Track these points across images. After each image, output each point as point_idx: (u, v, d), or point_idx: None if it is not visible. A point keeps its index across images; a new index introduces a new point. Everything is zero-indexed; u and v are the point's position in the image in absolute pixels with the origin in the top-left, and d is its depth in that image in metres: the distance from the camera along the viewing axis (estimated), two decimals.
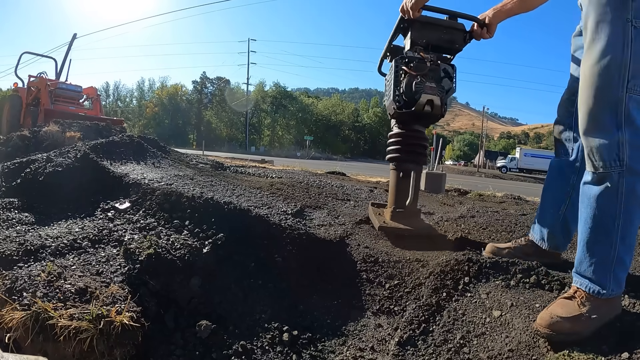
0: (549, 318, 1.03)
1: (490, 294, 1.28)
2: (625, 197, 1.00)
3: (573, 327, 1.01)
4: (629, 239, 1.03)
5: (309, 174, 4.82)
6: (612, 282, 1.04)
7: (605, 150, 1.01)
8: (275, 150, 40.94)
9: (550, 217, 1.48)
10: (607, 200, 1.02)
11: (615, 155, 1.00)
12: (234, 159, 11.76)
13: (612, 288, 1.04)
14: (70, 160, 2.16)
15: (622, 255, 1.03)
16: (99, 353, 0.98)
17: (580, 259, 1.09)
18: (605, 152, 1.01)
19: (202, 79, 56.25)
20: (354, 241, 1.68)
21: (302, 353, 1.20)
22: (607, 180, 1.02)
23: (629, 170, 0.99)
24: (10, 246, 1.34)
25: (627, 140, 0.99)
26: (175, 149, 4.25)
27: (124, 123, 9.24)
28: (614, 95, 1.00)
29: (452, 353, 1.12)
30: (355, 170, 10.08)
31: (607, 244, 1.03)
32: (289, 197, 2.27)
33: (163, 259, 1.32)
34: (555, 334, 1.01)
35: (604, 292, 1.04)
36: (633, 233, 1.03)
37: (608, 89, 1.00)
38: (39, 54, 10.36)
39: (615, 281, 1.04)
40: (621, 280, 1.05)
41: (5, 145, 3.76)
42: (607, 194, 1.02)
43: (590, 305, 1.04)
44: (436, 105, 1.56)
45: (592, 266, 1.05)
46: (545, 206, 1.50)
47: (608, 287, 1.04)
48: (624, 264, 1.04)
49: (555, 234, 1.47)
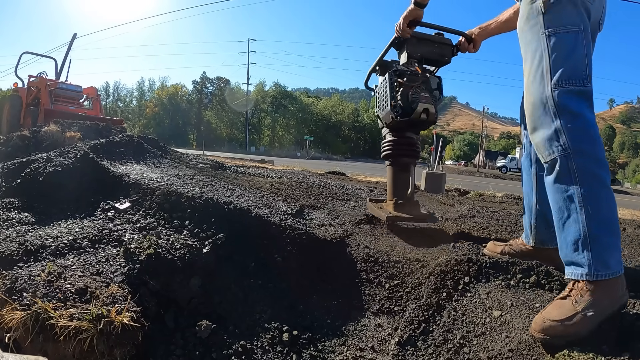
0: (541, 322, 1.04)
1: (490, 294, 1.28)
2: (578, 176, 1.07)
3: (566, 330, 1.01)
4: (598, 216, 1.05)
5: (309, 174, 4.82)
6: (594, 262, 1.04)
7: (548, 141, 1.12)
8: (275, 150, 40.93)
9: (527, 212, 1.51)
10: (562, 183, 1.10)
11: (557, 142, 1.11)
12: (234, 159, 11.75)
13: (597, 268, 1.04)
14: (70, 160, 2.16)
15: (596, 232, 1.04)
16: (99, 353, 0.98)
17: (560, 247, 1.13)
18: (547, 142, 1.13)
19: (202, 79, 56.27)
20: (354, 241, 1.68)
21: (302, 353, 1.20)
22: (557, 165, 1.11)
23: (575, 151, 1.08)
24: (10, 246, 1.34)
25: (563, 125, 1.10)
26: (175, 149, 4.25)
27: (124, 123, 9.23)
28: (543, 94, 1.14)
29: (452, 353, 1.12)
30: (355, 170, 10.08)
31: (576, 225, 1.07)
32: (289, 197, 2.27)
33: (163, 259, 1.32)
34: (550, 338, 1.02)
35: (587, 274, 1.04)
36: (602, 209, 1.06)
37: (538, 92, 1.16)
38: (39, 54, 10.37)
39: (597, 261, 1.04)
40: (606, 260, 1.04)
41: (5, 145, 3.76)
42: (561, 177, 1.10)
43: (586, 302, 1.03)
44: (431, 113, 1.71)
45: (570, 251, 1.09)
46: (524, 203, 1.55)
47: (591, 268, 1.04)
48: (600, 241, 1.05)
49: (538, 229, 1.47)
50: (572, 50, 1.14)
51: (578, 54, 1.13)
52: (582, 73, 1.13)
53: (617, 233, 1.07)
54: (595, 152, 1.09)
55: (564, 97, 1.12)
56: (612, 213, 1.08)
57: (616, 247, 1.07)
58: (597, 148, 1.09)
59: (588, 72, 1.13)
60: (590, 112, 1.13)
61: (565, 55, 1.13)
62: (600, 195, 1.07)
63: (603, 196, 1.07)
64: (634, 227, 2.24)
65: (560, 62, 1.13)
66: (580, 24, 1.14)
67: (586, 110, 1.11)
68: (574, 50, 1.13)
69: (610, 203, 1.08)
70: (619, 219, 1.16)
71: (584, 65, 1.13)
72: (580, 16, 1.14)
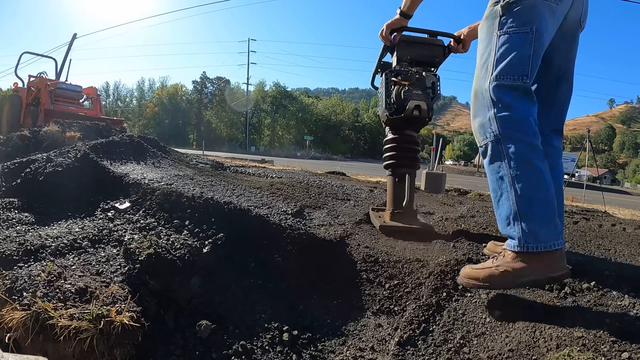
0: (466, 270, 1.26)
1: (490, 294, 1.28)
2: (508, 159, 1.19)
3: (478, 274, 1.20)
4: (526, 194, 1.16)
5: (309, 174, 4.82)
6: (523, 235, 1.15)
7: (482, 127, 1.26)
8: (275, 150, 40.93)
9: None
10: (495, 165, 1.23)
11: (490, 129, 1.23)
12: (234, 159, 11.75)
13: (526, 241, 1.15)
14: (70, 160, 2.16)
15: (524, 209, 1.16)
16: (99, 353, 0.98)
17: (498, 224, 1.26)
18: (482, 128, 1.26)
19: (202, 79, 56.26)
20: (354, 241, 1.68)
21: (302, 353, 1.20)
22: (489, 149, 1.24)
23: (504, 137, 1.20)
24: (10, 246, 1.34)
25: (496, 114, 1.22)
26: (175, 149, 4.24)
27: (124, 123, 9.23)
28: (483, 86, 1.27)
29: (452, 353, 1.12)
30: (355, 170, 10.08)
31: (507, 202, 1.20)
32: (289, 197, 2.27)
33: (163, 259, 1.32)
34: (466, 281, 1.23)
35: (518, 245, 1.17)
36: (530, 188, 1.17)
37: (480, 84, 1.29)
38: (39, 54, 10.36)
39: (527, 234, 1.15)
40: (537, 234, 1.14)
41: (5, 145, 3.76)
42: (493, 160, 1.23)
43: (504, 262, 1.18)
44: (423, 110, 1.76)
45: (504, 225, 1.22)
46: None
47: (520, 240, 1.16)
48: (529, 217, 1.16)
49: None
50: (516, 49, 1.23)
51: (522, 53, 1.23)
52: (522, 70, 1.22)
53: (547, 209, 1.17)
54: (524, 137, 1.19)
55: (499, 90, 1.24)
56: (540, 192, 1.17)
57: (546, 222, 1.16)
58: (526, 134, 1.20)
59: (529, 70, 1.23)
60: (524, 104, 1.23)
61: (509, 53, 1.24)
62: (529, 176, 1.17)
63: (531, 176, 1.17)
64: (634, 227, 2.24)
65: (503, 58, 1.24)
66: (533, 26, 1.22)
67: (520, 103, 1.22)
68: (518, 49, 1.23)
69: (539, 182, 1.18)
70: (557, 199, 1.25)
71: (525, 64, 1.22)
72: (536, 19, 1.23)
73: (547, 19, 1.25)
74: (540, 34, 1.24)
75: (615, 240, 1.90)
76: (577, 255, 1.63)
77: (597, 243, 1.86)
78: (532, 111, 1.25)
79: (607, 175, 62.13)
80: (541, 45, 1.26)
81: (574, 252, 1.70)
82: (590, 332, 1.05)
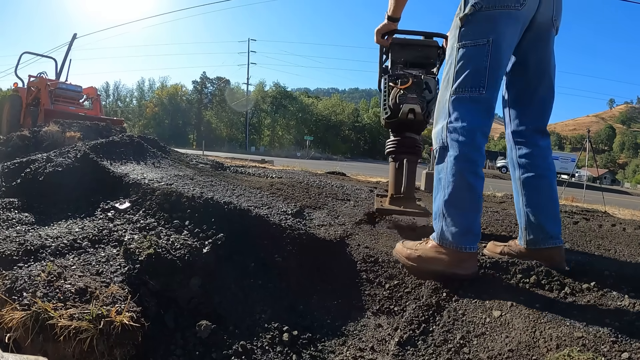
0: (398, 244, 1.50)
1: (490, 294, 1.28)
2: (446, 166, 1.34)
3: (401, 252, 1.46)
4: (451, 199, 1.32)
5: (309, 174, 4.82)
6: (442, 232, 1.34)
7: (437, 134, 1.40)
8: (275, 151, 40.91)
9: (518, 214, 1.53)
10: (438, 167, 1.39)
11: (440, 137, 1.38)
12: (234, 159, 11.75)
13: (441, 237, 1.35)
14: (70, 160, 2.16)
15: (447, 211, 1.33)
16: (99, 353, 0.98)
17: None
18: (436, 135, 1.40)
19: (202, 79, 56.20)
20: (354, 241, 1.68)
21: (302, 353, 1.20)
22: (437, 154, 1.39)
23: (450, 146, 1.34)
24: (10, 246, 1.34)
25: (447, 126, 1.35)
26: (175, 149, 4.24)
27: (124, 123, 9.23)
28: (444, 98, 1.39)
29: (452, 353, 1.12)
30: (355, 170, 10.08)
31: (438, 202, 1.37)
32: (289, 197, 2.27)
33: (163, 259, 1.32)
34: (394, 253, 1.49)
35: (436, 238, 1.37)
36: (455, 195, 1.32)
37: (442, 95, 1.40)
38: (39, 54, 10.36)
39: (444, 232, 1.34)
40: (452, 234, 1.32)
41: (5, 145, 3.76)
42: (438, 164, 1.39)
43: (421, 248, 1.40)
44: (417, 113, 1.80)
45: (434, 218, 1.39)
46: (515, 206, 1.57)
47: (438, 235, 1.36)
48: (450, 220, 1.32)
49: (528, 230, 1.48)
50: (472, 61, 1.32)
51: (478, 65, 1.31)
52: (478, 82, 1.31)
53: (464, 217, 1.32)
54: (464, 150, 1.31)
55: (455, 102, 1.35)
56: (462, 202, 1.32)
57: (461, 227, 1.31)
58: (468, 148, 1.31)
59: (486, 81, 1.31)
60: (475, 117, 1.32)
61: (466, 66, 1.33)
62: (457, 186, 1.31)
63: (458, 186, 1.31)
64: (634, 227, 2.24)
65: (461, 71, 1.34)
66: (490, 38, 1.30)
67: (471, 116, 1.32)
68: (475, 61, 1.31)
69: (463, 194, 1.32)
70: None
71: (482, 75, 1.31)
72: (493, 30, 1.30)
73: (507, 27, 1.31)
74: (497, 44, 1.30)
75: (615, 241, 1.90)
76: (577, 255, 1.63)
77: (597, 243, 1.86)
78: (483, 124, 1.34)
79: (607, 175, 62.10)
80: (500, 54, 1.31)
81: (574, 252, 1.70)
82: (590, 332, 1.05)
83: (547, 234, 1.43)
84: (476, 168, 1.32)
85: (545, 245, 1.43)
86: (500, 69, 1.34)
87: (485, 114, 1.34)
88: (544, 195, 1.45)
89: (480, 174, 1.34)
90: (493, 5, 1.29)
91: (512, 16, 1.30)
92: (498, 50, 1.31)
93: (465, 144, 1.31)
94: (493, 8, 1.29)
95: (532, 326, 1.11)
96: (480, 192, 1.34)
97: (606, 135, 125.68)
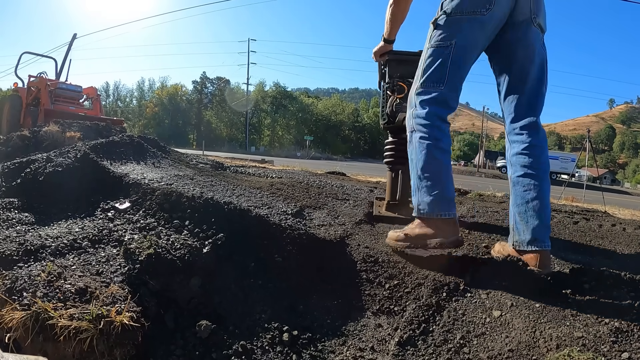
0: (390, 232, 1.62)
1: (490, 294, 1.28)
2: (415, 147, 1.50)
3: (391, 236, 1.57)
4: (422, 174, 1.47)
5: (309, 174, 4.82)
6: (417, 205, 1.48)
7: (407, 121, 1.58)
8: (275, 150, 40.90)
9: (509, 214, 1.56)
10: (409, 150, 1.55)
11: (409, 123, 1.56)
12: (234, 159, 11.75)
13: (419, 209, 1.48)
14: (70, 160, 2.16)
15: (419, 184, 1.48)
16: (99, 353, 0.98)
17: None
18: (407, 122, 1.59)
19: (202, 79, 56.20)
20: (354, 241, 1.68)
21: (302, 353, 1.20)
22: (408, 138, 1.56)
23: (415, 130, 1.52)
24: (10, 246, 1.34)
25: (412, 113, 1.55)
26: (175, 149, 4.24)
27: (124, 123, 9.23)
28: (413, 92, 1.58)
29: (452, 353, 1.12)
30: (355, 170, 10.08)
31: (413, 180, 1.52)
32: (289, 197, 2.27)
33: (163, 259, 1.32)
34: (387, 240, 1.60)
35: (415, 211, 1.50)
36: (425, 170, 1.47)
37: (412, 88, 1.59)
38: (39, 54, 10.36)
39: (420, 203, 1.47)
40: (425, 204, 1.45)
41: (5, 145, 3.76)
42: (409, 147, 1.54)
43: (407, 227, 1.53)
44: None
45: (413, 197, 1.52)
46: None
47: (415, 208, 1.50)
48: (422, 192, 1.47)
49: (514, 229, 1.50)
50: (435, 60, 1.48)
51: (440, 65, 1.47)
52: (440, 79, 1.48)
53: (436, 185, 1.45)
54: (428, 131, 1.48)
55: (419, 95, 1.53)
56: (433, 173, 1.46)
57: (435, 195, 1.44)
58: (430, 128, 1.48)
59: (446, 79, 1.48)
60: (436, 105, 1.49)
61: (431, 64, 1.50)
62: (425, 160, 1.46)
63: (427, 160, 1.46)
64: (634, 227, 2.24)
65: (425, 69, 1.51)
66: (453, 40, 1.45)
67: (432, 106, 1.49)
68: (438, 61, 1.48)
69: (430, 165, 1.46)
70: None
71: (443, 74, 1.48)
72: (457, 34, 1.45)
73: (471, 31, 1.45)
74: (460, 47, 1.45)
75: (615, 240, 1.90)
76: (577, 255, 1.63)
77: (597, 243, 1.86)
78: (441, 111, 1.51)
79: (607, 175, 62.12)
80: (461, 56, 1.47)
81: (574, 252, 1.70)
82: (590, 332, 1.05)
83: (532, 237, 1.42)
84: (440, 143, 1.48)
85: (529, 248, 1.43)
86: (460, 68, 1.49)
87: (445, 104, 1.51)
88: (531, 196, 1.45)
89: (444, 148, 1.48)
90: (460, 11, 1.44)
91: (478, 20, 1.42)
92: (460, 52, 1.46)
93: (427, 125, 1.48)
94: (460, 13, 1.44)
95: (532, 326, 1.11)
96: (446, 163, 1.49)
97: (606, 135, 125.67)
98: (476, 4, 1.41)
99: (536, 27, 1.48)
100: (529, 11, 1.45)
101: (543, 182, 1.46)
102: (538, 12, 1.47)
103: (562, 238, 1.94)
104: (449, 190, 1.46)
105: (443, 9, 1.48)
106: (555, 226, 2.11)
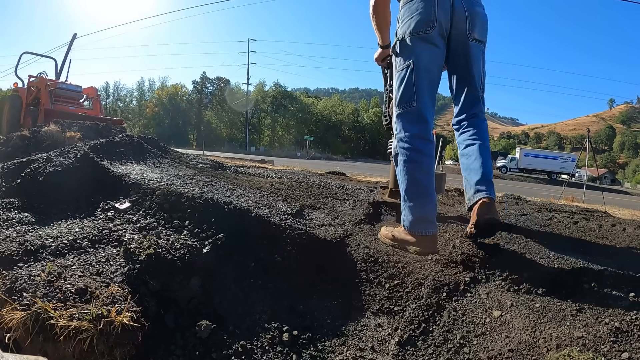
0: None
1: (490, 294, 1.28)
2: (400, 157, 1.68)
3: (383, 233, 1.77)
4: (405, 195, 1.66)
5: (309, 174, 4.82)
6: (405, 221, 1.65)
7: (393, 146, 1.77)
8: (275, 150, 40.90)
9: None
10: (396, 171, 1.73)
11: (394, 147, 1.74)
12: (234, 159, 11.74)
13: (406, 224, 1.64)
14: (70, 160, 2.16)
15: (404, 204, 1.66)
16: (99, 353, 0.98)
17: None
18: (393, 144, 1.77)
19: (202, 79, 56.19)
20: (354, 241, 1.68)
21: (302, 353, 1.20)
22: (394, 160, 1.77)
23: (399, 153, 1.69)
24: (10, 246, 1.34)
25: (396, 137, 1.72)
26: (175, 149, 4.24)
27: (124, 123, 9.23)
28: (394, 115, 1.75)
29: (452, 353, 1.12)
30: (355, 170, 10.08)
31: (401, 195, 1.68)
32: (289, 197, 2.27)
33: (163, 259, 1.32)
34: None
35: (403, 223, 1.67)
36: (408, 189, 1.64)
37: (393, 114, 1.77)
38: (39, 54, 10.35)
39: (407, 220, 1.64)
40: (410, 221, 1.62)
41: (5, 145, 3.76)
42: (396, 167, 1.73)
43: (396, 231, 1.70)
44: None
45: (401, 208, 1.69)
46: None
47: (402, 220, 1.68)
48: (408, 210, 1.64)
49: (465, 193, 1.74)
50: (403, 81, 1.68)
51: (407, 83, 1.66)
52: (409, 97, 1.66)
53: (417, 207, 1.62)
54: (409, 154, 1.65)
55: (398, 117, 1.71)
56: (415, 195, 1.63)
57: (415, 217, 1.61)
58: (411, 151, 1.64)
59: (415, 95, 1.65)
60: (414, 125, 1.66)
61: (400, 86, 1.69)
62: (408, 182, 1.64)
63: (410, 182, 1.64)
64: (634, 227, 2.24)
65: (397, 92, 1.71)
66: (411, 60, 1.65)
67: (410, 125, 1.67)
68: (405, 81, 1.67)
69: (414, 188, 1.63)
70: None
71: (411, 91, 1.66)
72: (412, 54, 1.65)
73: (423, 49, 1.64)
74: (417, 64, 1.64)
75: (615, 240, 1.90)
76: (577, 255, 1.63)
77: (597, 243, 1.86)
78: (420, 130, 1.66)
79: (607, 175, 62.09)
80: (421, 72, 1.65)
81: (574, 252, 1.69)
82: (590, 332, 1.05)
83: (475, 189, 1.63)
84: (421, 166, 1.64)
85: (475, 199, 1.61)
86: (424, 81, 1.66)
87: (421, 119, 1.66)
88: (471, 158, 1.69)
89: (425, 170, 1.64)
90: (408, 34, 1.64)
91: (425, 39, 1.62)
92: (419, 68, 1.64)
93: (409, 149, 1.65)
94: (409, 36, 1.64)
95: (532, 326, 1.11)
96: (427, 184, 1.63)
97: (606, 135, 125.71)
98: (420, 26, 1.61)
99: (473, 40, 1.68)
100: (464, 27, 1.65)
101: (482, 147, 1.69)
102: (473, 27, 1.67)
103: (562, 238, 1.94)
104: (429, 212, 1.62)
105: (397, 36, 1.70)
106: (555, 226, 2.11)
